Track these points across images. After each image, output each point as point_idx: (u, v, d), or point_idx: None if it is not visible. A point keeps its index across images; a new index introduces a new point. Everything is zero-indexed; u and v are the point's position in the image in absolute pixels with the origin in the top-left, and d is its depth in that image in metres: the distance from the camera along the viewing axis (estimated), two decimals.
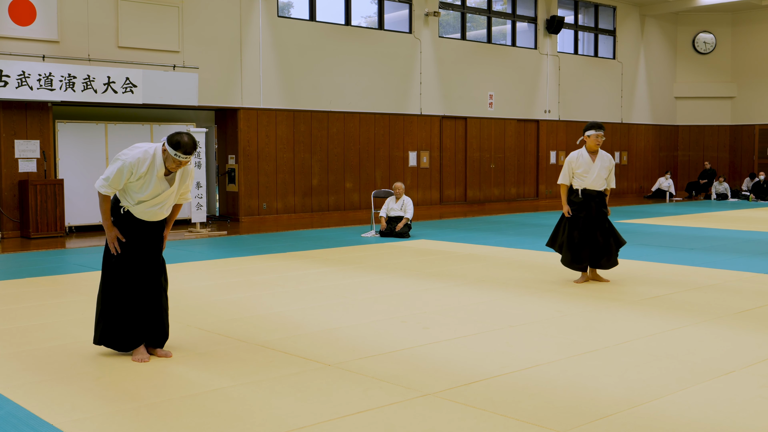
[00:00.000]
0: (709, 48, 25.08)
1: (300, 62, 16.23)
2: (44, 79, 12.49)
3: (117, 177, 4.80)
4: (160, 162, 4.85)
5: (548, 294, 7.27)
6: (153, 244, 5.09)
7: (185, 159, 4.82)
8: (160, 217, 5.04)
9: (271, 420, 3.87)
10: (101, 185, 4.85)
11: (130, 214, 4.97)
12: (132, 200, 4.91)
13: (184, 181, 5.08)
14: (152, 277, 5.07)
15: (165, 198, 4.97)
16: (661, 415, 3.90)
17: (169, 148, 4.79)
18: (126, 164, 4.79)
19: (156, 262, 5.10)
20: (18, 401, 4.16)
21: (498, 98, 20.16)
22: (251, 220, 15.62)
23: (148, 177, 4.84)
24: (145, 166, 4.80)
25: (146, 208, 4.94)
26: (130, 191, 4.89)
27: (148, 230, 5.04)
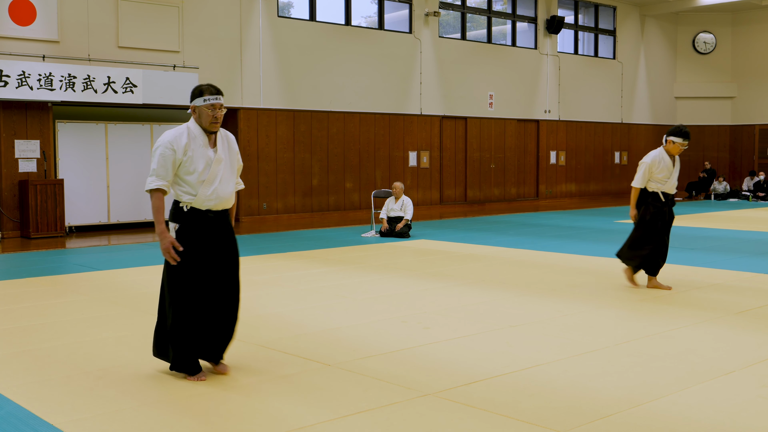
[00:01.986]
0: (709, 48, 25.08)
1: (300, 62, 16.22)
2: (44, 79, 12.49)
3: (162, 162, 4.35)
4: (197, 129, 4.44)
5: (548, 294, 7.27)
6: (227, 246, 4.57)
7: (217, 100, 4.40)
8: (227, 197, 4.51)
9: (271, 420, 3.87)
10: (150, 181, 4.40)
11: (196, 212, 4.47)
12: (192, 188, 4.42)
13: (232, 149, 4.60)
14: (228, 285, 4.57)
15: (221, 170, 4.47)
16: (661, 415, 3.90)
17: (197, 101, 4.41)
18: (164, 143, 4.37)
19: (233, 268, 4.59)
20: (18, 401, 4.16)
21: (498, 98, 20.16)
22: (251, 220, 15.62)
23: (193, 148, 4.39)
24: (184, 137, 4.39)
25: (209, 191, 4.42)
26: (185, 176, 4.42)
27: (218, 229, 4.53)
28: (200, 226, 4.47)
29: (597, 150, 23.10)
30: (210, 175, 4.43)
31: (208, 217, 4.49)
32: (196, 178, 4.40)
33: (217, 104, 4.40)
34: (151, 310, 6.57)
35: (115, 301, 7.00)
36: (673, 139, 7.50)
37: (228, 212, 4.60)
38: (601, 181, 23.28)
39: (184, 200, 4.47)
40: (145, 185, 4.46)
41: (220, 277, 4.51)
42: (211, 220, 4.50)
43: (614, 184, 23.71)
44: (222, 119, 4.46)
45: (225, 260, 4.55)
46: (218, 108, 4.41)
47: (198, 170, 4.40)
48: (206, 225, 4.49)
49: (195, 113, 4.44)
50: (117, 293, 7.41)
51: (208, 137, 4.47)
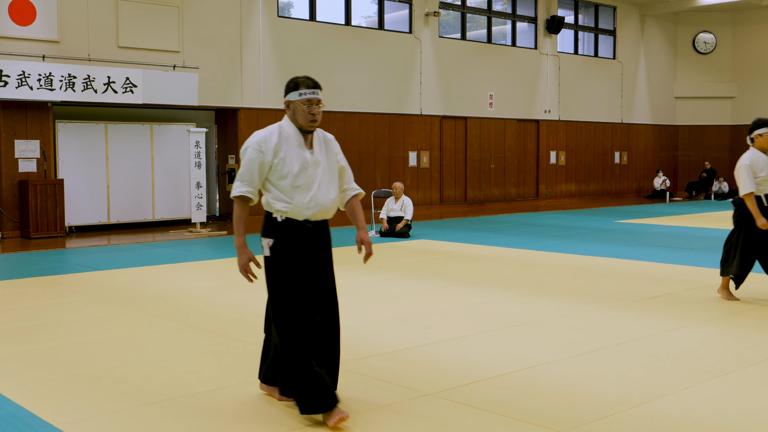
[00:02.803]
0: (709, 48, 25.08)
1: (300, 62, 16.22)
2: (44, 79, 12.49)
3: (249, 166, 3.84)
4: (291, 129, 3.89)
5: (548, 294, 7.26)
6: (326, 262, 3.99)
7: (314, 95, 3.86)
8: (327, 205, 3.93)
9: (271, 420, 3.87)
10: (234, 187, 3.89)
11: (292, 223, 3.86)
12: (286, 196, 3.84)
13: (330, 150, 4.03)
14: (329, 307, 3.97)
15: (318, 174, 3.89)
16: (661, 415, 3.90)
17: (292, 95, 3.87)
18: (252, 144, 3.85)
19: (332, 287, 4.00)
20: (18, 401, 4.16)
21: (498, 98, 20.16)
22: (252, 220, 15.54)
23: (286, 149, 3.83)
24: (275, 137, 3.85)
25: (306, 198, 3.83)
26: (277, 181, 3.84)
27: (318, 242, 3.95)
28: (298, 239, 3.86)
29: (597, 150, 23.10)
30: (306, 179, 3.85)
31: (306, 228, 3.88)
32: (290, 183, 3.83)
33: (314, 99, 3.87)
34: (151, 310, 6.58)
35: (115, 301, 7.00)
36: (760, 132, 7.01)
37: (327, 223, 4.02)
38: (601, 181, 23.28)
39: (277, 209, 3.86)
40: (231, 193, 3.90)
41: (321, 297, 3.91)
42: (310, 232, 3.89)
43: (614, 184, 23.70)
44: (320, 117, 3.92)
45: (324, 278, 3.93)
46: (315, 104, 3.87)
47: (292, 174, 3.83)
48: (305, 238, 3.87)
49: (289, 109, 3.92)
50: (117, 293, 7.41)
51: (303, 137, 3.91)
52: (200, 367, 4.84)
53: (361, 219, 4.22)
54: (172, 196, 14.66)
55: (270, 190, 3.89)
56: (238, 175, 3.90)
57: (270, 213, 3.90)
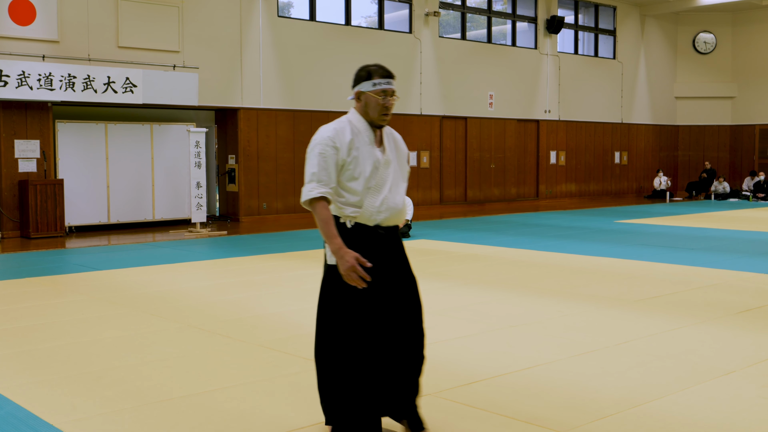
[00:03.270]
0: (710, 48, 25.08)
1: (300, 62, 16.22)
2: (44, 79, 12.49)
3: (322, 164, 3.41)
4: (361, 123, 3.52)
5: (548, 294, 7.26)
6: (403, 270, 3.59)
7: (389, 85, 3.49)
8: (399, 209, 3.54)
9: (271, 420, 3.87)
10: (308, 190, 3.41)
11: (362, 229, 3.47)
12: (357, 198, 3.46)
13: (400, 149, 3.67)
14: (410, 318, 3.56)
15: (390, 174, 3.53)
16: (661, 415, 3.90)
17: (364, 85, 3.49)
18: (323, 140, 3.44)
19: (413, 296, 3.60)
20: (18, 401, 4.16)
21: (498, 98, 20.16)
22: (251, 220, 15.62)
23: (358, 146, 3.47)
24: (347, 132, 3.47)
25: (377, 201, 3.46)
26: (348, 182, 3.46)
27: (391, 250, 3.55)
28: (370, 247, 3.46)
29: (597, 150, 23.10)
30: (378, 180, 3.49)
31: (378, 235, 3.50)
32: (363, 184, 3.45)
33: (389, 90, 3.48)
34: (151, 310, 6.57)
35: (115, 301, 7.00)
36: None
37: (398, 228, 3.63)
38: (601, 181, 23.28)
39: (346, 214, 3.46)
40: (302, 195, 3.44)
41: (399, 309, 3.53)
42: (382, 239, 3.51)
43: (614, 184, 23.70)
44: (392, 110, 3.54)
45: (402, 287, 3.57)
46: (390, 95, 3.49)
47: (365, 175, 3.45)
48: (377, 245, 3.49)
49: (359, 101, 3.53)
50: (117, 293, 7.41)
51: (374, 133, 3.54)
52: (200, 367, 4.84)
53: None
54: (172, 196, 14.67)
55: (338, 193, 3.47)
56: (309, 176, 3.42)
57: (336, 218, 3.49)
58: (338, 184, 3.46)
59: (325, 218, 3.39)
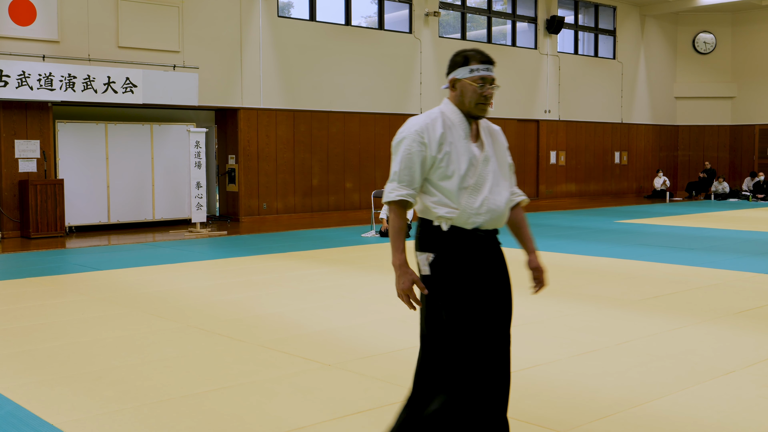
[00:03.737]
0: (709, 48, 25.08)
1: (300, 62, 16.23)
2: (44, 79, 12.49)
3: (408, 162, 3.06)
4: (455, 115, 3.12)
5: (548, 294, 7.26)
6: (502, 281, 3.16)
7: (488, 72, 3.12)
8: (501, 211, 3.12)
9: (271, 420, 3.87)
10: (389, 189, 3.10)
11: (459, 233, 3.04)
12: (451, 199, 3.04)
13: (499, 143, 3.24)
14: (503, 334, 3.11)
15: (489, 172, 3.12)
16: (661, 415, 3.90)
17: (460, 71, 3.14)
18: (409, 134, 3.08)
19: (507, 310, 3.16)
20: (18, 401, 4.16)
21: (498, 98, 20.15)
22: (251, 220, 15.62)
23: (451, 141, 3.07)
24: (438, 126, 3.08)
25: (476, 202, 3.05)
26: (440, 182, 3.06)
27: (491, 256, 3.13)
28: (468, 253, 3.06)
29: (597, 150, 23.10)
30: (476, 179, 3.09)
31: (477, 239, 3.08)
32: (457, 184, 3.04)
33: (488, 77, 3.12)
34: (151, 310, 6.57)
35: (115, 301, 7.00)
36: None
37: (497, 233, 3.19)
38: (601, 181, 23.28)
39: (441, 215, 3.05)
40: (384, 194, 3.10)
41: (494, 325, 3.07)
42: (481, 242, 3.10)
43: (614, 184, 23.70)
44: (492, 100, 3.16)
45: (499, 301, 3.12)
46: (490, 83, 3.13)
47: (459, 173, 3.05)
48: (475, 251, 3.07)
49: (454, 90, 3.17)
50: (117, 293, 7.41)
51: (469, 126, 3.14)
52: (200, 367, 4.84)
53: (530, 237, 3.34)
54: (172, 196, 14.67)
55: (429, 192, 3.09)
56: (392, 174, 3.10)
57: (428, 221, 3.09)
58: (430, 183, 3.09)
59: (397, 227, 3.07)
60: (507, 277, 3.18)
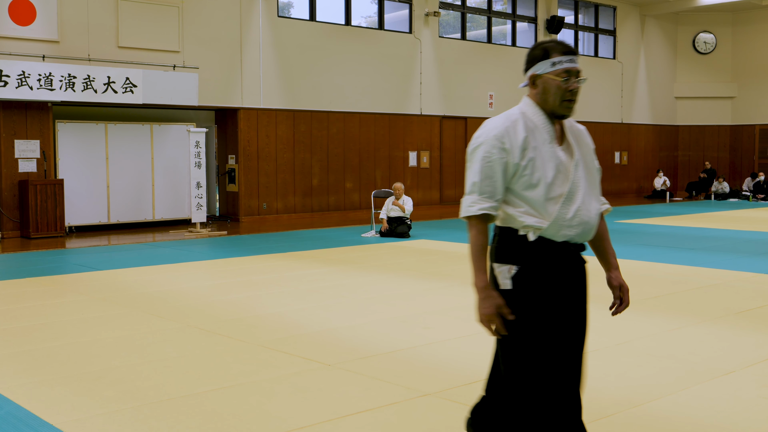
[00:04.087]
0: (710, 48, 25.08)
1: (300, 62, 16.23)
2: (44, 79, 12.49)
3: (489, 170, 2.74)
4: (537, 116, 2.81)
5: None
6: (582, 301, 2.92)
7: (572, 64, 2.77)
8: (593, 223, 2.84)
9: (270, 420, 3.87)
10: (468, 202, 2.77)
11: (547, 245, 2.75)
12: (537, 210, 2.74)
13: (585, 145, 2.94)
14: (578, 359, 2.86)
15: (580, 179, 2.81)
16: (661, 415, 3.90)
17: (540, 66, 2.79)
18: (487, 139, 2.79)
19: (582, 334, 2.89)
20: (18, 401, 4.16)
21: (498, 98, 20.15)
22: (251, 220, 15.62)
23: (535, 145, 2.75)
24: (520, 129, 2.77)
25: (569, 212, 2.75)
26: (524, 191, 2.75)
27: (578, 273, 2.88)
28: (555, 268, 2.76)
29: (597, 150, 22.61)
30: (570, 187, 2.78)
31: (567, 253, 2.80)
32: (544, 194, 2.73)
33: (573, 69, 2.78)
34: (151, 310, 6.57)
35: (115, 301, 7.00)
36: None
37: (584, 248, 2.90)
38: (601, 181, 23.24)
39: (528, 224, 2.74)
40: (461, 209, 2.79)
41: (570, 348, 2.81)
42: (571, 259, 2.82)
43: (614, 184, 23.70)
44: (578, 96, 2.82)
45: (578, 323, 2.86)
46: (575, 76, 2.78)
47: (546, 181, 2.73)
48: (563, 266, 2.79)
49: (535, 87, 2.83)
50: (117, 293, 7.41)
51: (553, 126, 2.83)
52: (200, 367, 4.84)
53: (612, 252, 3.08)
54: (172, 196, 14.67)
55: (513, 202, 2.77)
56: (470, 186, 2.78)
57: (511, 230, 2.78)
58: (513, 194, 2.77)
59: (478, 246, 2.74)
60: (586, 298, 2.92)
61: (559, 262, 2.77)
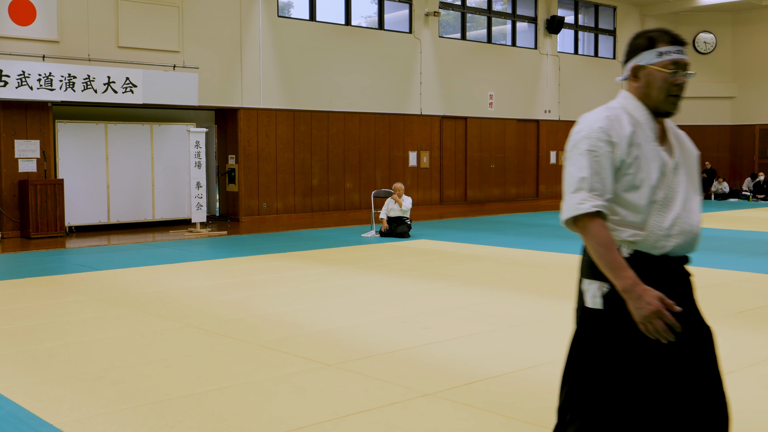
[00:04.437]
0: (709, 48, 25.09)
1: (300, 62, 16.23)
2: (44, 79, 12.49)
3: (596, 165, 2.44)
4: (640, 112, 2.54)
5: (548, 294, 7.26)
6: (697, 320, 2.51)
7: (681, 55, 2.52)
8: (695, 234, 2.52)
9: (271, 420, 3.87)
10: (575, 201, 2.42)
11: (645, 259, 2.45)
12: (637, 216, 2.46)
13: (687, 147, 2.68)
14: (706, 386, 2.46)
15: (680, 182, 2.53)
16: None
17: (645, 56, 2.52)
18: (592, 132, 2.47)
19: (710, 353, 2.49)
20: (18, 401, 4.16)
21: (498, 98, 20.16)
22: (251, 220, 15.61)
23: (639, 142, 2.49)
24: (626, 123, 2.49)
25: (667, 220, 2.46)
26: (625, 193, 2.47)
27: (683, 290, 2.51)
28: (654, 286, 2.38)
29: None
30: (667, 192, 2.50)
31: (668, 268, 2.48)
32: (647, 197, 2.46)
33: (681, 61, 2.52)
34: (151, 310, 6.57)
35: (115, 301, 7.00)
36: None
37: (688, 261, 2.57)
38: None
39: (622, 239, 2.46)
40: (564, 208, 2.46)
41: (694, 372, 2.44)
42: (672, 275, 2.49)
43: None
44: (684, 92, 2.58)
45: (696, 341, 2.47)
46: (683, 68, 2.53)
47: (650, 183, 2.46)
48: (664, 283, 2.43)
49: (636, 80, 2.57)
50: (117, 293, 7.41)
51: (656, 125, 2.59)
52: (200, 367, 4.84)
53: None
54: (172, 196, 14.67)
55: (618, 201, 2.49)
56: (577, 182, 2.45)
57: None
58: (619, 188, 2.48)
59: (605, 241, 2.38)
60: (698, 313, 2.51)
61: (658, 279, 2.42)
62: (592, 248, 2.40)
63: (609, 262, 2.36)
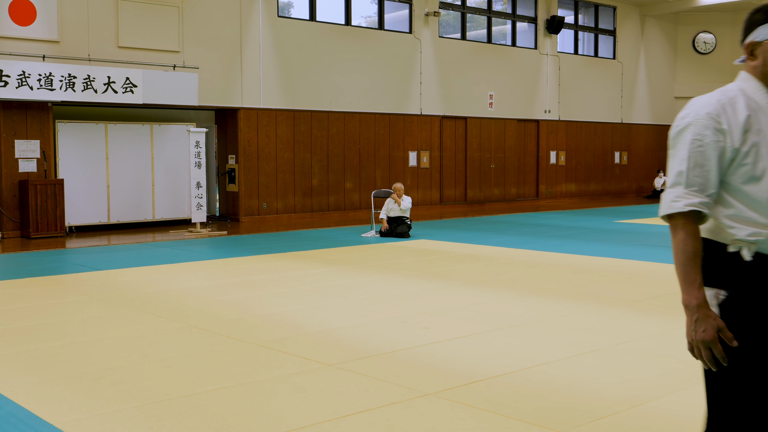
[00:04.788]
0: (709, 48, 25.09)
1: (300, 62, 16.23)
2: (44, 79, 12.49)
3: (697, 157, 2.23)
4: (760, 94, 2.29)
5: (548, 294, 7.26)
6: None
7: None
8: None
9: (271, 420, 3.87)
10: (672, 196, 2.24)
11: (764, 263, 2.20)
12: (759, 212, 2.20)
13: None
14: None
15: None
16: (661, 415, 3.90)
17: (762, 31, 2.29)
18: (701, 117, 2.30)
19: None
20: (18, 401, 4.16)
21: (498, 98, 20.16)
22: (251, 220, 15.61)
23: (758, 127, 2.23)
24: (740, 107, 2.26)
25: None
26: (742, 185, 2.22)
27: None
28: None
29: (597, 150, 23.10)
30: None
31: None
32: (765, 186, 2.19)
33: None
34: (151, 310, 6.57)
35: (115, 301, 7.00)
36: None
37: None
38: (601, 181, 23.28)
39: (740, 238, 2.20)
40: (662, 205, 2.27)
41: None
42: None
43: (614, 184, 23.71)
44: None
45: None
46: None
47: None
48: None
49: (754, 58, 2.32)
50: (117, 293, 7.41)
51: None
52: (200, 367, 4.84)
53: None
54: (172, 196, 14.67)
55: (724, 202, 2.24)
56: (675, 176, 2.26)
57: (719, 244, 2.26)
58: (726, 189, 2.24)
59: (690, 252, 2.19)
60: None
61: None
62: (675, 251, 2.22)
63: (685, 273, 2.20)
